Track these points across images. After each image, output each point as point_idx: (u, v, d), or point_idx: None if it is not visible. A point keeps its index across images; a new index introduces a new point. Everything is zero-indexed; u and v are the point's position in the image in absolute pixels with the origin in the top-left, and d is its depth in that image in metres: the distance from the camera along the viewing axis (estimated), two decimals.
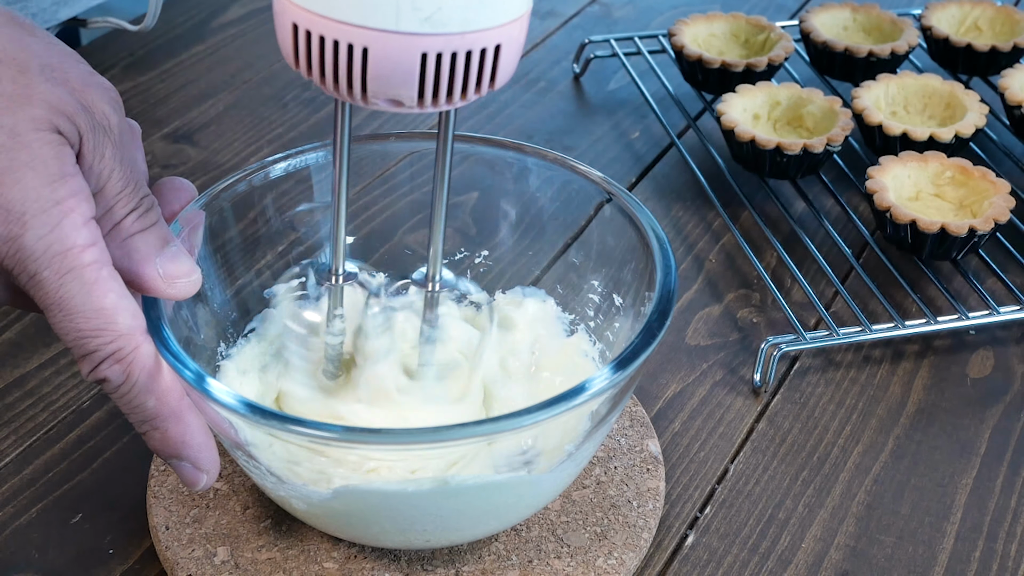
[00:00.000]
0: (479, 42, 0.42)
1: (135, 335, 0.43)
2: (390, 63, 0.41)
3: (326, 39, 0.41)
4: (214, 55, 0.95)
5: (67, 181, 0.41)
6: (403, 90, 0.42)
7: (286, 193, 0.58)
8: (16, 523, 0.55)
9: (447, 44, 0.41)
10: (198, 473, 0.47)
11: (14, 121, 0.41)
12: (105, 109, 0.43)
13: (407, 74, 0.42)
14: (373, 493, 0.47)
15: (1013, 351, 0.67)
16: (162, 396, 0.45)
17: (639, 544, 0.53)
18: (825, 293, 0.71)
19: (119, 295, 0.43)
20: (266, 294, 0.58)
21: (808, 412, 0.63)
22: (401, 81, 0.42)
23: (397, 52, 0.41)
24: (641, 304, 0.52)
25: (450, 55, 0.41)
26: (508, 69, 0.44)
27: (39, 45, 0.43)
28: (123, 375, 0.43)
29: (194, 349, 0.52)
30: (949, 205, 0.71)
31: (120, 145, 0.44)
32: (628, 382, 0.47)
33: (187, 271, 0.46)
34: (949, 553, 0.55)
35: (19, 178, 0.41)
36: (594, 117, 0.89)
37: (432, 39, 0.41)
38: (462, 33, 0.41)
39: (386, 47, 0.41)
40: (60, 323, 0.42)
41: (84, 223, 0.42)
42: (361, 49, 0.41)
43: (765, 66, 0.83)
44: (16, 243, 0.41)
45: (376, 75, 0.42)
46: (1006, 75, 0.81)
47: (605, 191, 0.55)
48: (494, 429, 0.44)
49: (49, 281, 0.42)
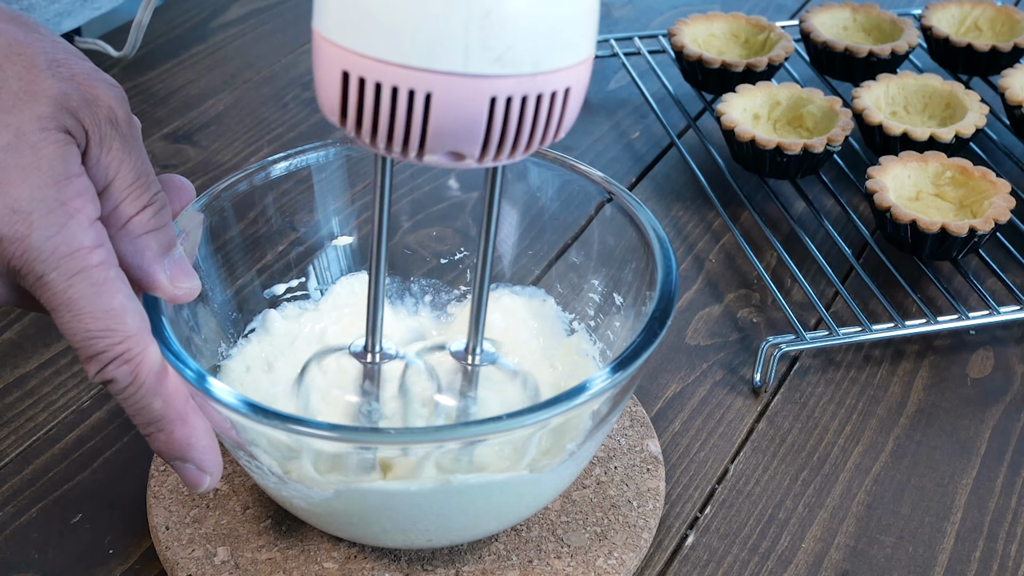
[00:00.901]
0: (550, 84, 0.39)
1: (143, 336, 0.43)
2: (455, 110, 0.38)
3: (383, 86, 0.38)
4: (214, 55, 0.95)
5: (72, 181, 0.41)
6: (466, 141, 0.39)
7: (287, 193, 0.58)
8: (16, 523, 0.55)
9: (517, 87, 0.38)
10: (201, 475, 0.46)
11: (20, 120, 0.41)
12: (111, 103, 0.43)
13: (473, 122, 0.38)
14: (375, 493, 0.47)
15: (1013, 351, 0.67)
16: (168, 398, 0.44)
17: (639, 544, 0.53)
18: (825, 293, 0.71)
19: (127, 296, 0.43)
20: (266, 294, 0.58)
21: (808, 412, 0.63)
22: (465, 130, 0.39)
23: (464, 97, 0.38)
24: (642, 304, 0.52)
25: (520, 99, 0.38)
26: (572, 117, 0.41)
27: (44, 42, 0.43)
28: (131, 376, 0.43)
29: (194, 349, 0.52)
30: (949, 205, 0.71)
31: (129, 139, 0.44)
32: (629, 381, 0.47)
33: (191, 275, 0.46)
34: (949, 553, 0.55)
35: (25, 178, 0.41)
36: (594, 117, 0.89)
37: (502, 81, 0.38)
38: (533, 75, 0.38)
39: (452, 91, 0.38)
40: (68, 324, 0.42)
41: (90, 223, 0.42)
42: (424, 95, 0.38)
43: (765, 66, 0.82)
44: (23, 243, 0.41)
45: (438, 125, 0.38)
46: (1006, 75, 0.81)
47: (605, 191, 0.55)
48: (496, 428, 0.43)
49: (57, 282, 0.41)
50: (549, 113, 0.39)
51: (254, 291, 0.58)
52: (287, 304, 0.59)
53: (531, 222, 0.61)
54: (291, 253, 0.59)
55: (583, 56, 0.40)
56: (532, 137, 0.40)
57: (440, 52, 0.37)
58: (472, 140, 0.39)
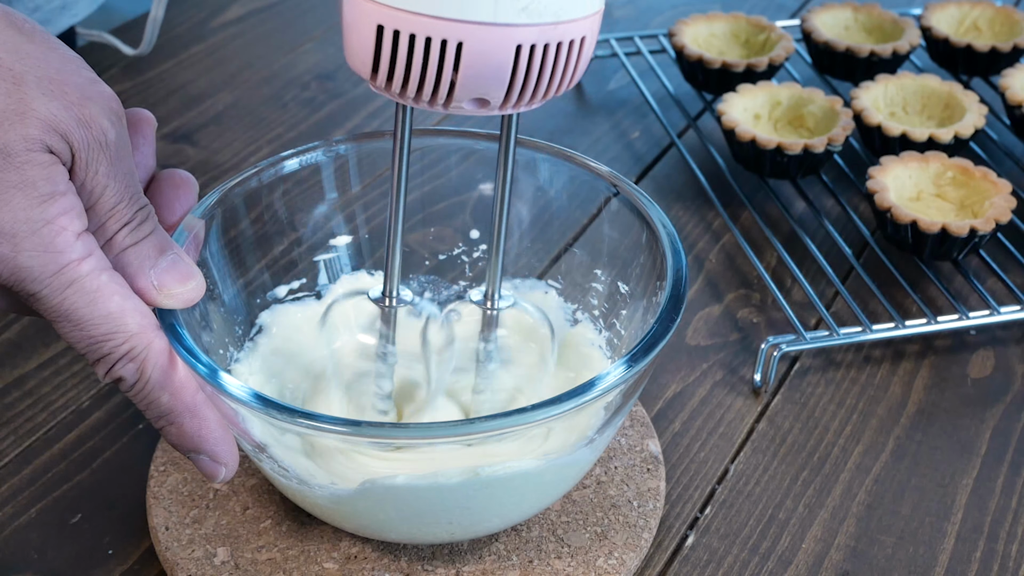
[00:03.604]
0: (569, 33, 0.42)
1: (146, 333, 0.44)
2: (484, 58, 0.41)
3: (417, 38, 0.41)
4: (214, 55, 0.95)
5: (56, 200, 0.42)
6: (493, 87, 0.42)
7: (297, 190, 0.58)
8: (15, 523, 0.55)
9: (541, 35, 0.41)
10: (216, 466, 0.47)
11: (6, 140, 0.41)
12: (103, 124, 0.43)
13: (500, 69, 0.42)
14: (400, 488, 0.47)
15: (1013, 351, 0.67)
16: (176, 392, 0.45)
17: (639, 544, 0.53)
18: (825, 293, 0.71)
19: (123, 296, 0.43)
20: (268, 296, 0.58)
21: (808, 412, 0.63)
22: (493, 77, 0.42)
23: (493, 45, 0.41)
24: (652, 294, 0.52)
25: (542, 47, 0.42)
26: (584, 66, 0.44)
27: (38, 52, 0.43)
28: (137, 373, 0.44)
29: (206, 345, 0.52)
30: (950, 205, 0.71)
31: (116, 160, 0.44)
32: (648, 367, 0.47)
33: (184, 277, 0.46)
34: (950, 553, 0.55)
35: (8, 200, 0.41)
36: (594, 117, 0.89)
37: (527, 30, 0.41)
38: (555, 24, 0.42)
39: (482, 40, 0.41)
40: (70, 333, 0.43)
41: (76, 237, 0.42)
42: (456, 44, 0.41)
43: (766, 66, 0.82)
44: (11, 264, 0.41)
45: (467, 73, 0.41)
46: (1007, 75, 0.81)
47: (611, 184, 0.55)
48: (520, 421, 0.43)
49: (50, 298, 0.42)
50: (567, 61, 0.43)
51: (264, 287, 0.58)
52: (290, 304, 0.59)
53: (536, 216, 0.61)
54: (299, 249, 0.59)
55: (596, 8, 0.43)
56: (551, 84, 0.43)
57: (471, 3, 0.40)
58: (498, 86, 0.42)
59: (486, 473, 0.46)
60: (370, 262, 0.61)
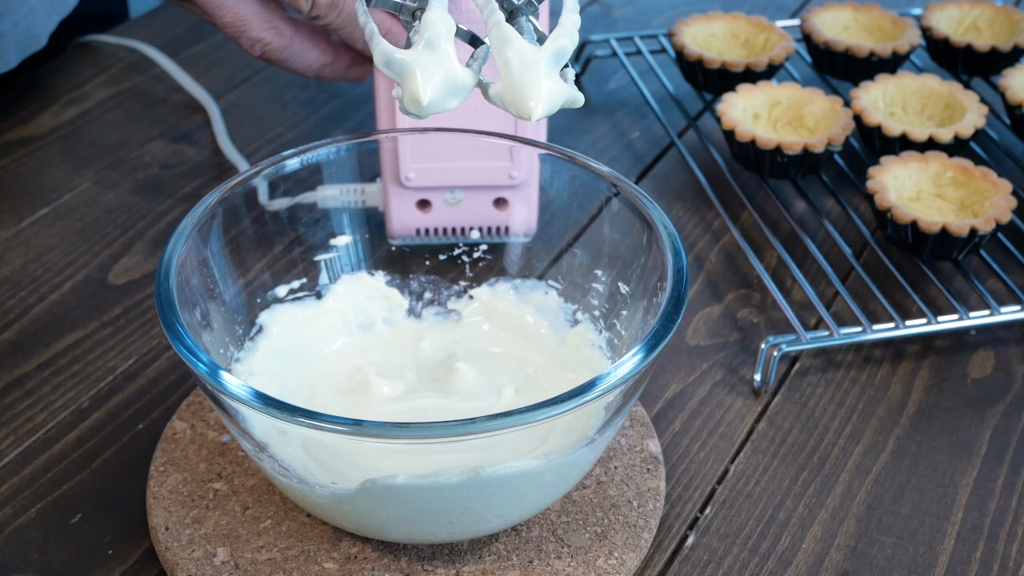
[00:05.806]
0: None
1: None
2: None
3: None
4: (214, 55, 0.95)
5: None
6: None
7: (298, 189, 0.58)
8: (15, 523, 0.55)
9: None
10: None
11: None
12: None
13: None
14: (401, 488, 0.47)
15: (1014, 351, 0.67)
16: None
17: (639, 544, 0.53)
18: (825, 293, 0.71)
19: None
20: (269, 296, 0.58)
21: (808, 412, 0.63)
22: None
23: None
24: (653, 295, 0.52)
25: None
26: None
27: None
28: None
29: (206, 344, 0.52)
30: (950, 205, 0.71)
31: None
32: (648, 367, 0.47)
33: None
34: (950, 554, 0.55)
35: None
36: (594, 117, 0.89)
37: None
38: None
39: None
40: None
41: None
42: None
43: (765, 66, 0.82)
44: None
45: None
46: (1007, 75, 0.81)
47: (612, 184, 0.55)
48: (521, 421, 0.43)
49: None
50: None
51: (265, 286, 0.58)
52: (290, 304, 0.59)
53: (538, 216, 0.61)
54: (299, 249, 0.59)
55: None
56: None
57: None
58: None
59: (486, 473, 0.46)
60: (370, 262, 0.61)
